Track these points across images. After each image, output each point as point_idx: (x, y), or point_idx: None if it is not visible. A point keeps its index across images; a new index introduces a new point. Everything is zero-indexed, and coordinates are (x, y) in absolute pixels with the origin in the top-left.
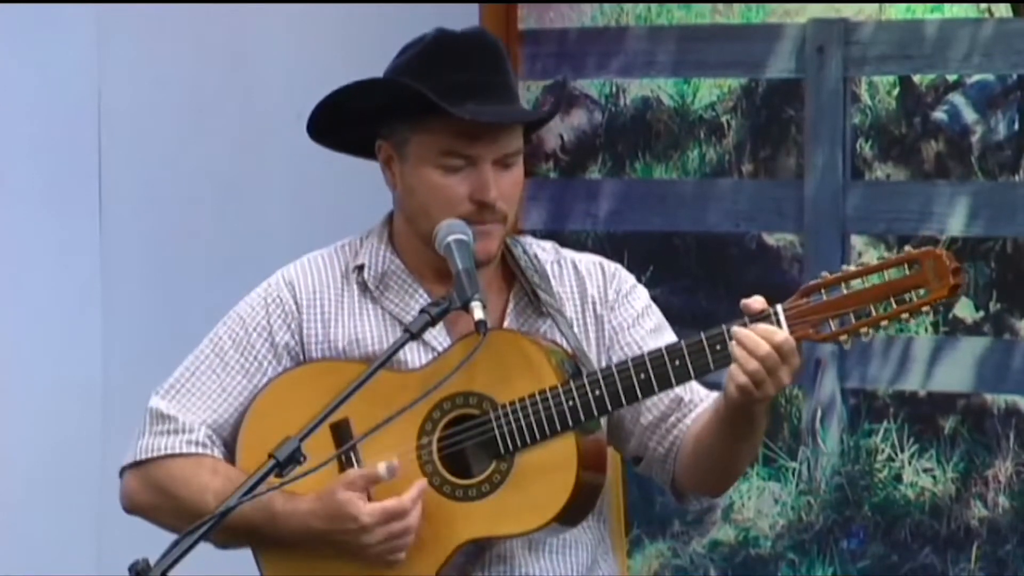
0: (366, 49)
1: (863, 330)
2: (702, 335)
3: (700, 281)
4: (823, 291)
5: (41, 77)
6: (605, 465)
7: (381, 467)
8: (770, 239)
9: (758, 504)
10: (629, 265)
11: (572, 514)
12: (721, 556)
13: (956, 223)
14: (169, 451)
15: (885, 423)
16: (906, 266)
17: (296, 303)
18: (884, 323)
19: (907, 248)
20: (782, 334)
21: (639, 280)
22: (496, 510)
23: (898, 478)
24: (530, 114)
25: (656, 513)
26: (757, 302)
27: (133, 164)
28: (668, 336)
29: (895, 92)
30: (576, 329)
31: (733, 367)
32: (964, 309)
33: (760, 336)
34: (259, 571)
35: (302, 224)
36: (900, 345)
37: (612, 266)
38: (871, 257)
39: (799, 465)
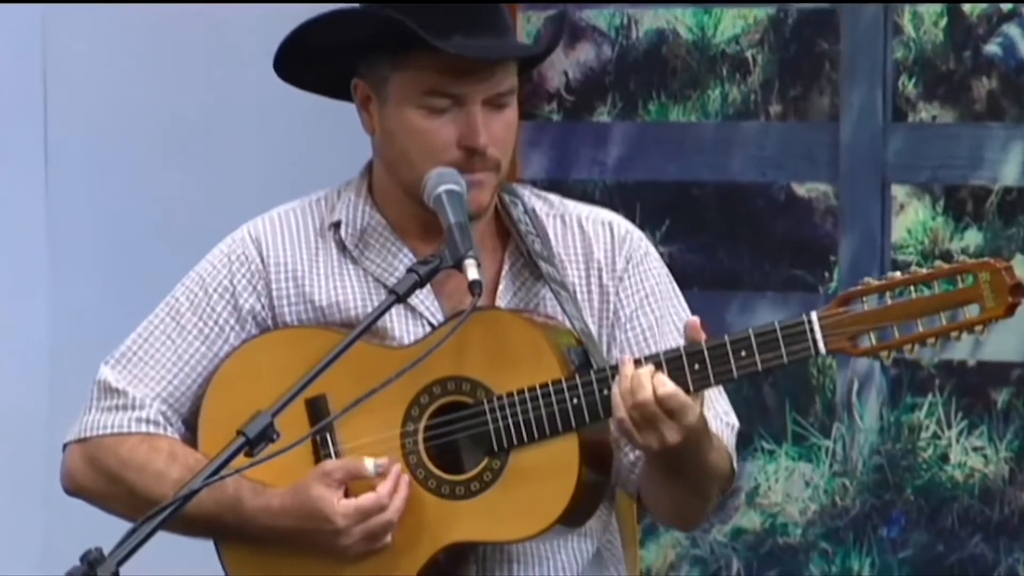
0: None
1: (906, 346)
2: (726, 338)
3: (721, 237)
4: (863, 300)
5: None
6: (610, 466)
7: (369, 464)
8: (800, 189)
9: (786, 487)
10: (642, 219)
11: (572, 518)
12: (745, 545)
13: (1011, 171)
14: (117, 429)
15: (930, 396)
16: (959, 277)
17: (263, 261)
18: (930, 340)
19: (963, 258)
20: (665, 388)
21: (653, 237)
22: (485, 512)
23: (944, 458)
24: (524, 48)
25: None
26: (692, 328)
27: (81, 111)
28: (676, 321)
29: (942, 23)
30: (580, 297)
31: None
32: (1018, 268)
33: (638, 384)
34: (222, 568)
35: (274, 178)
36: None
37: (623, 227)
38: (914, 210)
39: (833, 444)
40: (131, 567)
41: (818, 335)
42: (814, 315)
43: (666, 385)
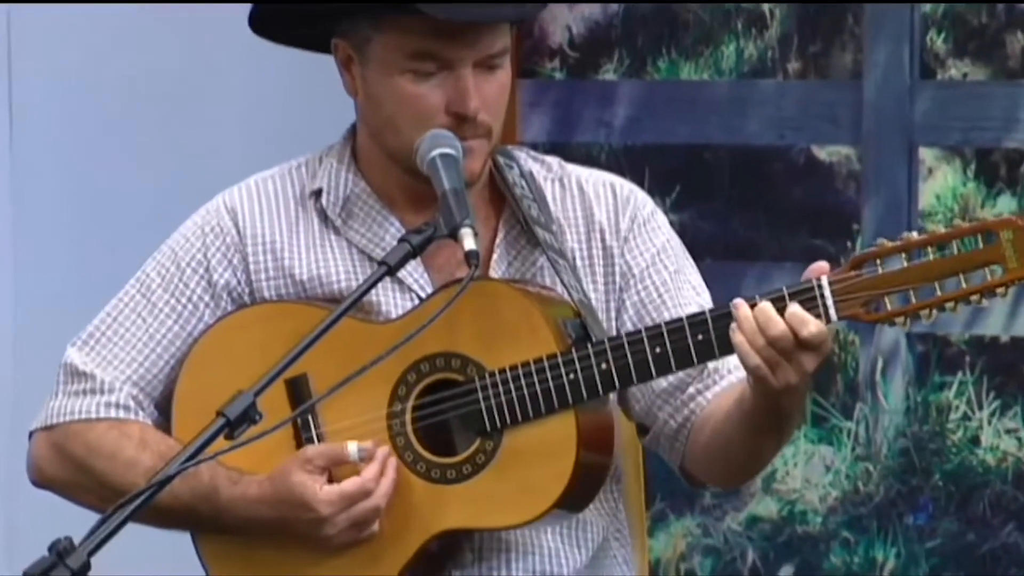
0: None
1: (923, 311)
2: (731, 305)
3: (736, 204)
4: (878, 262)
5: None
6: (612, 446)
7: (352, 448)
8: (821, 153)
9: (806, 472)
10: (651, 184)
11: (571, 502)
12: (761, 534)
13: None
14: (85, 415)
15: (960, 375)
16: (980, 237)
17: (239, 232)
18: (949, 304)
19: (982, 216)
20: (809, 328)
21: (662, 203)
22: (479, 497)
23: (975, 441)
24: (517, 11)
25: (683, 483)
26: (815, 269)
27: (47, 70)
28: (691, 278)
29: None
30: (580, 263)
31: (738, 348)
32: None
33: (768, 319)
34: (200, 563)
35: (250, 146)
36: None
37: (626, 187)
38: (943, 174)
39: (855, 425)
40: (105, 565)
41: (829, 300)
42: (824, 279)
43: (808, 324)
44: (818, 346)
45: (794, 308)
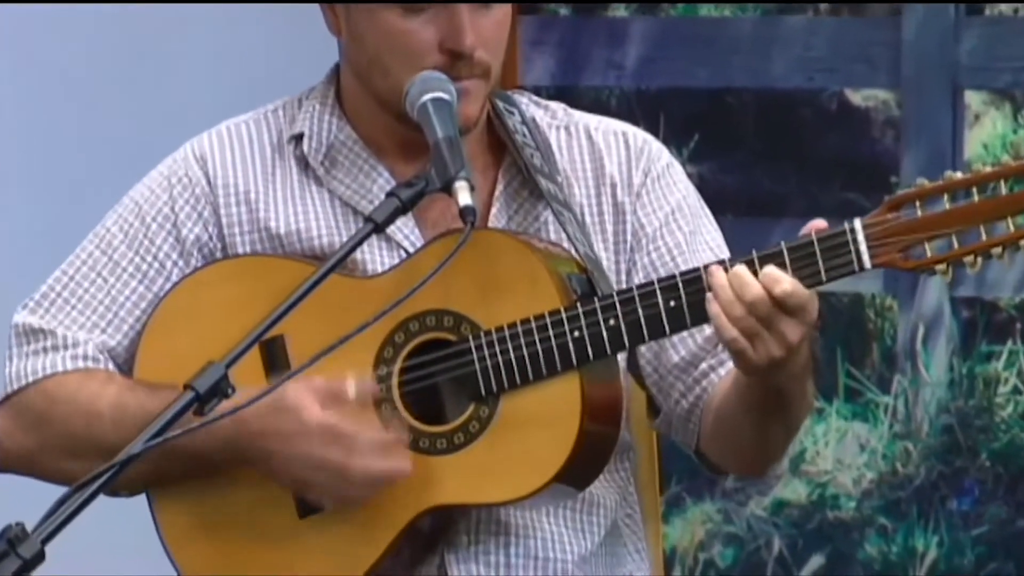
0: None
1: (967, 258)
2: (753, 254)
3: (761, 154)
4: (918, 204)
5: None
6: (619, 415)
7: (350, 387)
8: (856, 97)
9: (838, 452)
10: (667, 133)
11: (574, 474)
12: (788, 521)
13: None
14: (51, 371)
15: (1010, 343)
16: None
17: (209, 183)
18: (996, 250)
19: None
20: (783, 285)
21: (679, 154)
22: (471, 469)
23: None
24: None
25: None
26: (817, 224)
27: (3, 19)
28: (709, 238)
29: None
30: (589, 219)
31: (715, 320)
32: None
33: (743, 283)
34: (155, 527)
35: (228, 86)
36: None
37: (639, 137)
38: (991, 120)
39: (894, 400)
40: (60, 557)
41: (863, 246)
42: (858, 223)
43: (782, 281)
44: (796, 308)
45: (768, 268)
